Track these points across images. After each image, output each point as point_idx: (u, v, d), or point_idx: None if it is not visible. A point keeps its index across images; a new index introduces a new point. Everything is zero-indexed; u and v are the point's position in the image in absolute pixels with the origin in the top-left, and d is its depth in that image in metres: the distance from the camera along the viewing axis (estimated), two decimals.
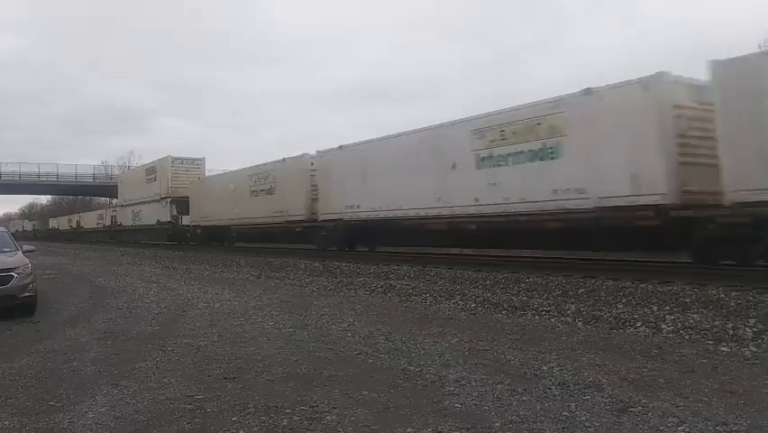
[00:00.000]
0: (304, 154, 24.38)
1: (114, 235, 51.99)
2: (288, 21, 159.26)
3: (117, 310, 11.43)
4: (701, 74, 11.65)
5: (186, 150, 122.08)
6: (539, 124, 14.67)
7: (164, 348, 7.79)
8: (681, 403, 5.04)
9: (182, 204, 35.96)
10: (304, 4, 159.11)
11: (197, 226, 34.10)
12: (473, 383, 5.81)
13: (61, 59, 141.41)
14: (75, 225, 71.62)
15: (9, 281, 10.46)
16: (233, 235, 31.71)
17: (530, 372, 6.25)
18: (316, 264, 18.63)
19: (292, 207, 24.76)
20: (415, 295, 12.29)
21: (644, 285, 10.62)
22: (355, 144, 21.80)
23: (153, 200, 38.69)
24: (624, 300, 9.95)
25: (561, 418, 4.79)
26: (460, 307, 10.90)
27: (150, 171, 39.98)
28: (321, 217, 22.92)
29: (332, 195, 22.30)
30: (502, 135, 15.63)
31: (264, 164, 27.85)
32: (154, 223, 38.83)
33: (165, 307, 11.72)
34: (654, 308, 9.28)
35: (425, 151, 17.85)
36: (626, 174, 12.61)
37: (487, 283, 12.61)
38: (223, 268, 20.93)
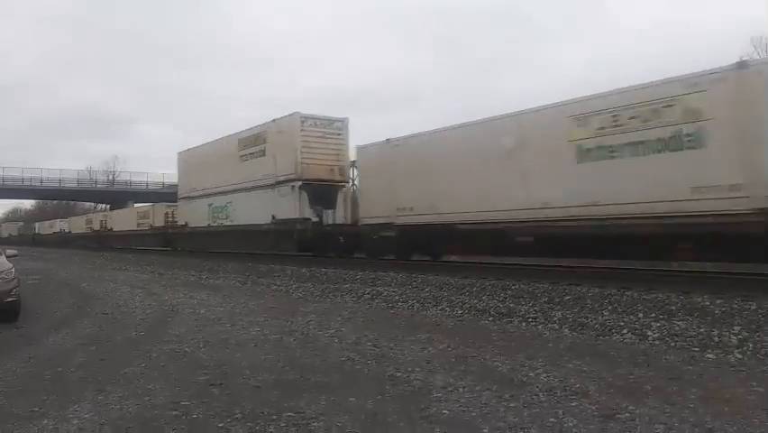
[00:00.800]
0: None
1: (174, 242, 35.43)
2: (268, 27, 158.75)
3: (102, 316, 11.33)
4: None
5: (168, 156, 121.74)
6: None
7: (149, 354, 7.72)
8: (668, 410, 5.06)
9: (318, 191, 21.72)
10: (283, 11, 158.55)
11: (386, 226, 18.63)
12: (460, 390, 5.81)
13: (42, 61, 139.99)
14: (99, 228, 54.34)
15: None
16: (512, 243, 14.97)
17: (517, 378, 6.25)
18: (303, 270, 18.55)
19: None
20: (402, 302, 12.27)
21: (629, 292, 10.66)
22: None
23: (259, 186, 23.61)
24: (610, 308, 9.99)
25: (548, 424, 4.80)
26: (447, 313, 10.90)
27: (253, 141, 24.54)
28: None
29: None
30: None
31: (654, 83, 12.17)
32: (266, 222, 23.07)
33: (150, 312, 11.63)
34: (640, 315, 9.32)
35: None
36: None
37: (473, 290, 12.60)
38: (209, 274, 20.80)
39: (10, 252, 12.68)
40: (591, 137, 12.80)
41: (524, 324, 9.62)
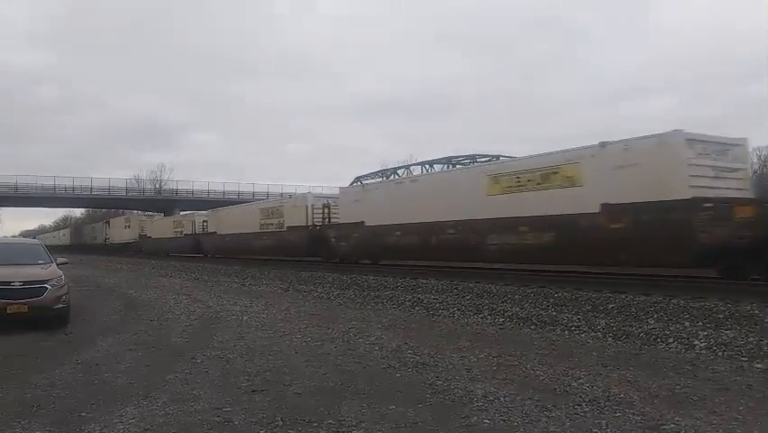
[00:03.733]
0: None
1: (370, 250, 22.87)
2: (315, 35, 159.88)
3: (148, 322, 11.56)
4: None
5: (214, 163, 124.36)
6: None
7: (193, 360, 7.85)
8: (715, 421, 4.95)
9: None
10: (331, 18, 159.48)
11: None
12: (501, 399, 5.76)
13: (91, 73, 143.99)
14: (197, 231, 41.63)
15: (43, 293, 10.65)
16: None
17: (559, 387, 6.18)
18: (344, 277, 18.65)
19: None
20: (442, 309, 12.23)
21: (675, 301, 10.45)
22: None
23: None
24: (655, 316, 9.80)
25: None
26: (488, 321, 10.82)
27: None
28: None
29: None
30: None
31: None
32: None
33: (195, 319, 11.83)
34: (687, 324, 9.12)
35: None
36: None
37: (515, 298, 12.50)
38: (251, 281, 21.06)
39: (60, 260, 13.10)
40: None
41: (566, 332, 9.50)
